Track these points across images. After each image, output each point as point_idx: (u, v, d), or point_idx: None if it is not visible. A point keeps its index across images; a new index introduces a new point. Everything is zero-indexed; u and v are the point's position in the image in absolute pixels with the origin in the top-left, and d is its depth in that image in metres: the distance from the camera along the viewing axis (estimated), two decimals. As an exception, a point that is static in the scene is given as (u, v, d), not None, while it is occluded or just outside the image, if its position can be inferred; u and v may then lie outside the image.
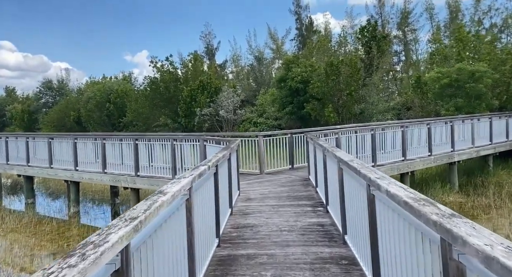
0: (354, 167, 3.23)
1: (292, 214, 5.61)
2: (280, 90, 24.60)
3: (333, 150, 4.48)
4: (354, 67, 20.93)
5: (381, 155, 10.13)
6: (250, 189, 7.66)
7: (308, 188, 7.56)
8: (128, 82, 45.31)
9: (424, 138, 11.22)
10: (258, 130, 25.91)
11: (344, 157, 3.84)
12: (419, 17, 38.60)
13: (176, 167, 9.04)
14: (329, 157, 5.07)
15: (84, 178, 10.79)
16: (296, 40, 44.08)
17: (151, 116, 33.42)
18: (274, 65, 39.49)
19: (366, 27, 23.45)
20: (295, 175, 9.26)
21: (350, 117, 21.60)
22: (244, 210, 5.93)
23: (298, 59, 24.58)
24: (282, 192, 7.24)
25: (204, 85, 30.41)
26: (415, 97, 20.51)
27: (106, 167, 10.33)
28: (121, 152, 10.07)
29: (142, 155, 9.61)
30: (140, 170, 9.66)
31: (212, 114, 28.99)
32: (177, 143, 9.04)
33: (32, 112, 50.86)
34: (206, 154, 8.41)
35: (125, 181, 9.83)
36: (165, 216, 2.31)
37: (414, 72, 35.05)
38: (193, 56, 35.43)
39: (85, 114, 38.99)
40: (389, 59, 25.00)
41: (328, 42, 26.14)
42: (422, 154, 11.01)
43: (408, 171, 10.54)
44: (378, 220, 2.82)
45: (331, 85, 21.03)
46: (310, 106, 22.06)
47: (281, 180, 8.55)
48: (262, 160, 9.51)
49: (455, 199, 10.91)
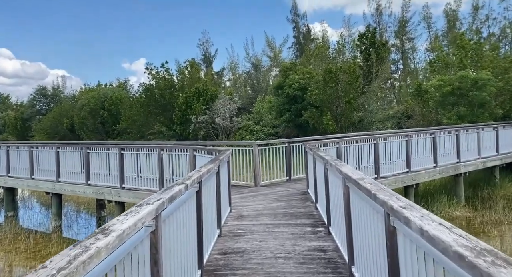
0: (367, 188, 2.57)
1: (289, 236, 4.92)
2: (277, 98, 24.03)
3: (337, 164, 3.83)
4: (353, 74, 20.41)
5: (384, 166, 9.49)
6: (243, 204, 6.97)
7: (307, 203, 6.89)
8: (124, 89, 44.66)
9: (429, 148, 10.61)
10: (254, 138, 25.27)
11: (352, 174, 3.18)
12: (417, 26, 38.46)
13: (163, 179, 8.36)
14: (331, 171, 4.42)
15: (66, 190, 10.06)
16: (294, 48, 43.82)
17: (146, 124, 32.72)
18: (271, 73, 39.09)
19: (365, 34, 23.02)
20: (292, 187, 8.58)
21: (349, 125, 21.02)
22: (235, 231, 5.24)
23: (295, 66, 24.08)
24: (278, 208, 6.56)
25: (200, 92, 29.82)
26: (415, 106, 19.97)
27: (89, 178, 9.62)
28: (106, 162, 9.38)
29: (128, 165, 8.92)
30: (125, 182, 8.96)
31: (208, 121, 28.35)
32: (164, 153, 8.37)
33: (25, 119, 50.03)
34: (195, 164, 7.74)
35: (109, 193, 9.11)
36: (109, 264, 1.63)
37: (412, 80, 34.75)
38: (189, 63, 34.93)
39: (79, 122, 38.24)
40: (388, 67, 24.55)
41: (326, 49, 25.70)
42: (427, 165, 10.38)
43: (413, 184, 9.89)
44: (402, 261, 2.15)
45: (330, 92, 20.48)
46: (308, 114, 21.47)
47: (277, 194, 7.87)
48: (257, 171, 8.84)
49: (462, 214, 10.25)
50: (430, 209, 10.32)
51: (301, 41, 43.59)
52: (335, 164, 3.86)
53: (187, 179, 3.22)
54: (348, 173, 3.30)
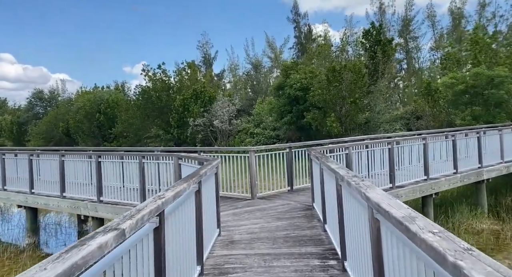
0: (432, 247, 1.41)
1: (291, 274, 3.76)
2: (278, 99, 22.89)
3: (359, 185, 2.66)
4: (358, 72, 19.26)
5: (398, 173, 8.30)
6: (235, 224, 5.80)
7: (312, 222, 5.72)
8: (121, 92, 43.61)
9: (447, 152, 9.43)
10: (254, 141, 24.11)
11: (390, 206, 2.03)
12: (421, 25, 37.31)
13: (145, 191, 7.21)
14: (349, 191, 3.26)
15: (39, 204, 8.92)
16: (295, 48, 42.74)
17: (142, 127, 31.62)
18: (272, 74, 38.03)
19: (370, 31, 21.87)
20: (295, 200, 7.41)
21: (354, 127, 19.84)
22: (222, 265, 4.08)
23: (297, 65, 22.95)
24: (279, 229, 5.39)
25: (198, 94, 28.71)
26: (425, 105, 18.78)
27: (65, 190, 8.49)
28: (82, 171, 8.25)
29: (107, 176, 7.79)
30: (103, 194, 7.83)
31: (206, 124, 27.22)
32: (146, 161, 7.22)
33: (21, 123, 48.99)
34: (181, 174, 6.60)
35: (85, 208, 7.97)
36: None
37: (417, 80, 33.60)
38: (187, 64, 33.84)
39: (74, 125, 37.17)
40: (394, 65, 23.39)
41: (329, 47, 24.54)
42: (446, 172, 9.20)
43: (432, 193, 8.70)
44: None
45: (333, 92, 19.33)
46: (310, 115, 20.31)
47: (277, 209, 6.70)
48: (254, 181, 7.67)
49: (488, 226, 9.04)
50: (451, 222, 9.13)
51: (303, 41, 42.54)
52: (357, 185, 2.69)
53: (132, 215, 2.06)
54: (381, 204, 2.14)
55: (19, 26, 75.32)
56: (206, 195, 4.19)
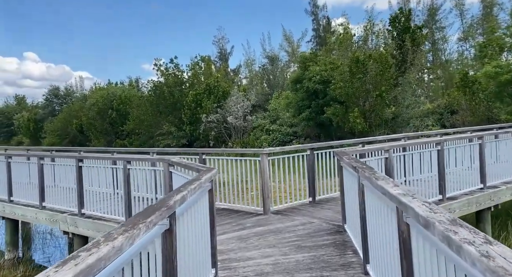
0: None
1: None
2: (295, 93, 21.21)
3: (481, 258, 1.08)
4: (385, 63, 17.38)
5: (447, 180, 6.58)
6: (240, 256, 4.29)
7: (346, 255, 4.15)
8: (134, 88, 42.76)
9: (505, 153, 7.64)
10: (270, 138, 22.57)
11: None
12: (448, 14, 34.69)
13: (131, 204, 5.80)
14: (431, 242, 1.69)
15: (16, 214, 7.67)
16: (313, 41, 40.79)
17: (154, 124, 30.50)
18: (289, 69, 36.31)
19: (398, 17, 19.86)
20: (319, 217, 5.84)
21: (380, 123, 18.00)
22: None
23: (316, 56, 21.20)
24: (299, 267, 3.86)
25: (211, 88, 27.29)
26: (461, 98, 16.74)
27: (44, 199, 7.19)
28: (63, 178, 6.93)
29: (89, 183, 6.42)
30: (85, 206, 6.47)
31: (220, 121, 25.83)
32: (132, 167, 5.80)
33: (38, 120, 48.94)
34: (172, 185, 5.14)
35: (64, 222, 6.64)
36: None
37: (444, 73, 31.19)
38: (201, 58, 32.47)
39: (87, 122, 36.49)
40: (424, 55, 21.31)
41: (351, 37, 22.63)
42: (507, 178, 7.43)
43: (491, 206, 6.96)
44: None
45: (357, 85, 17.53)
46: (331, 111, 18.58)
47: (297, 231, 5.15)
48: (267, 192, 6.13)
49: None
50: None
51: (321, 34, 40.54)
52: (474, 250, 1.11)
53: None
54: None
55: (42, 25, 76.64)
56: (187, 232, 2.69)
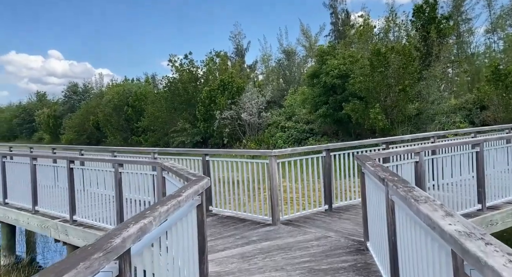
0: None
1: None
2: (312, 88, 20.29)
3: None
4: (409, 55, 16.26)
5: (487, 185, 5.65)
6: (239, 281, 3.57)
7: (367, 284, 3.36)
8: (150, 84, 42.65)
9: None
10: (286, 136, 21.75)
11: None
12: (475, 5, 32.76)
13: (123, 211, 5.17)
14: None
15: (9, 218, 7.21)
16: (331, 36, 39.51)
17: (169, 121, 30.17)
18: (306, 64, 35.24)
19: (423, 7, 18.60)
20: (336, 230, 5.05)
21: (403, 119, 16.91)
22: None
23: (334, 50, 20.18)
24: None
25: (225, 84, 26.63)
26: (492, 94, 15.46)
27: (37, 203, 6.68)
28: (55, 180, 6.38)
29: (81, 187, 5.84)
30: (77, 212, 5.91)
31: (234, 117, 25.16)
32: (124, 171, 5.17)
33: (57, 117, 49.63)
34: (165, 190, 4.49)
35: (55, 229, 6.09)
36: None
37: (470, 67, 29.54)
38: (216, 53, 31.84)
39: (103, 119, 36.58)
40: (451, 47, 19.96)
41: (371, 29, 21.46)
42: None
43: (537, 217, 5.99)
44: None
45: (378, 79, 16.49)
46: (350, 107, 17.60)
47: (310, 248, 4.39)
48: (276, 200, 5.38)
49: None
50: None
51: (339, 27, 39.22)
52: None
53: None
54: None
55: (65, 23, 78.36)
56: (158, 268, 1.98)
